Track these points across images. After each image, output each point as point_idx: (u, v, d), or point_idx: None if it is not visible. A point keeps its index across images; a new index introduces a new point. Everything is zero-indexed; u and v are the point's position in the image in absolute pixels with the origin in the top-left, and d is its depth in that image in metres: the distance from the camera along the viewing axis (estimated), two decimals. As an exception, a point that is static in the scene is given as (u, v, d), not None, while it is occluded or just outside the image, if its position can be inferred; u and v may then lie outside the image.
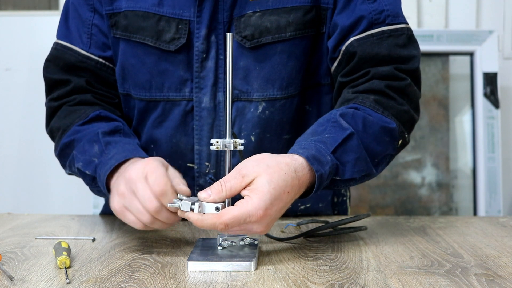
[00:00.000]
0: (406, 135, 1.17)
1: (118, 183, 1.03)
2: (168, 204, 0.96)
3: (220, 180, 0.95)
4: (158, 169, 0.99)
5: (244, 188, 0.94)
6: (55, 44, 1.32)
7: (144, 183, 0.98)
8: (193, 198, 0.98)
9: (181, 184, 1.02)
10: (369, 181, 1.23)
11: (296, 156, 1.00)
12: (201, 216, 0.93)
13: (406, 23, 1.23)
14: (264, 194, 0.92)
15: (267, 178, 0.94)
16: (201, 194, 0.95)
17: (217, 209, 0.93)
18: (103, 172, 1.08)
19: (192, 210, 0.94)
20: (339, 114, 1.10)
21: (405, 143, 1.17)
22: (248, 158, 0.98)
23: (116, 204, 1.02)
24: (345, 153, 1.05)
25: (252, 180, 0.94)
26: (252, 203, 0.92)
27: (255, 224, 0.93)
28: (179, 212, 0.97)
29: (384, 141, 1.12)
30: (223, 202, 0.94)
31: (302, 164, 0.99)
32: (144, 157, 1.10)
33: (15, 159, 2.90)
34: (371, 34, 1.20)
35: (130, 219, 1.00)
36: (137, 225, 1.00)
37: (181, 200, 0.96)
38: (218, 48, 1.24)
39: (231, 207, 0.93)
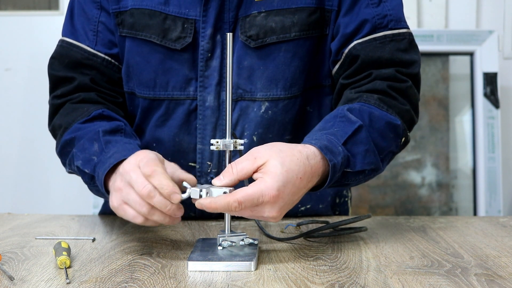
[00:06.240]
0: (408, 133, 1.18)
1: (115, 179, 1.02)
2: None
3: (232, 162, 0.95)
4: (148, 155, 0.98)
5: (256, 171, 0.94)
6: (61, 41, 1.31)
7: (138, 171, 0.96)
8: (200, 186, 0.97)
9: (186, 173, 1.01)
10: (369, 181, 1.23)
11: (309, 145, 1.00)
12: (213, 199, 0.92)
13: (408, 27, 1.25)
14: (277, 175, 0.92)
15: (279, 160, 0.93)
16: (215, 181, 0.94)
17: (225, 193, 0.92)
18: (102, 170, 1.07)
19: (200, 196, 0.93)
20: (346, 109, 1.11)
21: (406, 142, 1.18)
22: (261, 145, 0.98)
23: (114, 201, 0.99)
24: (355, 145, 1.06)
25: (265, 163, 0.93)
26: (265, 183, 0.91)
27: (267, 206, 0.92)
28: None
29: (389, 137, 1.12)
30: (232, 187, 0.93)
31: (314, 152, 0.99)
32: None
33: (15, 159, 2.90)
34: (374, 38, 1.21)
35: (129, 213, 0.98)
36: (138, 220, 0.97)
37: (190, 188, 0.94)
38: (223, 48, 1.24)
39: (244, 187, 0.92)
